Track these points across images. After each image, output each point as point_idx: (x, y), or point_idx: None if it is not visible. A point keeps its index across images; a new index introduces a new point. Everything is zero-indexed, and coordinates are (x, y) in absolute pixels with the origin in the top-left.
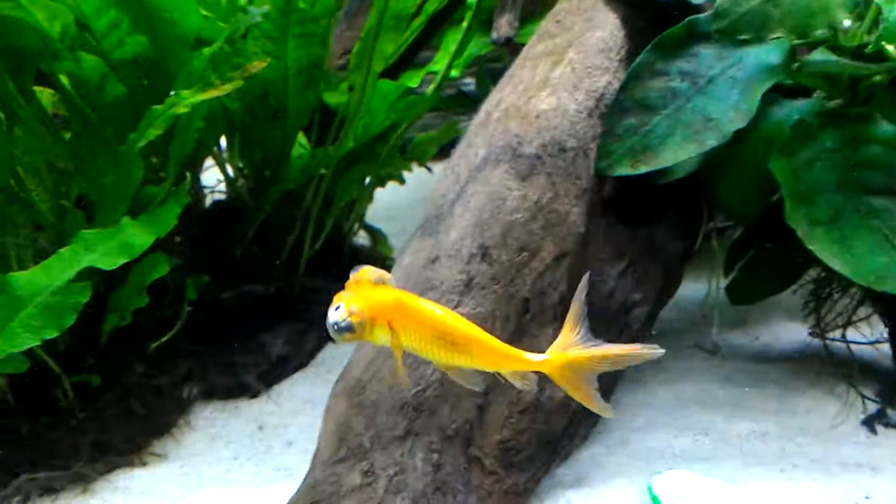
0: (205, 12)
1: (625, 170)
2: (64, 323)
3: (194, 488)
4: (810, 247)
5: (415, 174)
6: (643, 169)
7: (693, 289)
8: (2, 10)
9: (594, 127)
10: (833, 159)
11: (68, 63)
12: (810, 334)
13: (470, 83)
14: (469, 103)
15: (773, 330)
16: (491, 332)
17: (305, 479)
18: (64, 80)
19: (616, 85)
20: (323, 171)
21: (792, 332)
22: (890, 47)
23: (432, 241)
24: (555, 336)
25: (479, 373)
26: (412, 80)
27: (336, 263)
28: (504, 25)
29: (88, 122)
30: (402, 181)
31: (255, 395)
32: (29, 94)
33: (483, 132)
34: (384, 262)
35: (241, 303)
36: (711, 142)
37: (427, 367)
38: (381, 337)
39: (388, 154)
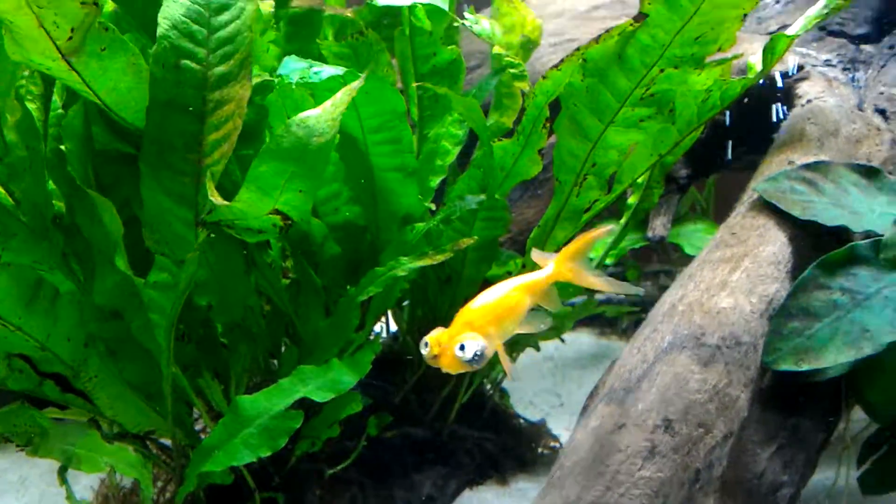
0: (419, 194)
1: (789, 365)
2: (277, 444)
3: None
4: None
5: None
6: (805, 367)
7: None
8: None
9: (763, 326)
10: None
11: (303, 224)
12: None
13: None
14: None
15: None
16: (666, 497)
17: None
18: (295, 238)
19: (783, 293)
20: None
21: None
22: None
23: (619, 409)
24: None
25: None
26: None
27: (477, 417)
28: (659, 226)
29: (308, 274)
30: (538, 348)
31: None
32: (263, 245)
33: (669, 321)
34: (511, 418)
35: (400, 442)
36: (867, 350)
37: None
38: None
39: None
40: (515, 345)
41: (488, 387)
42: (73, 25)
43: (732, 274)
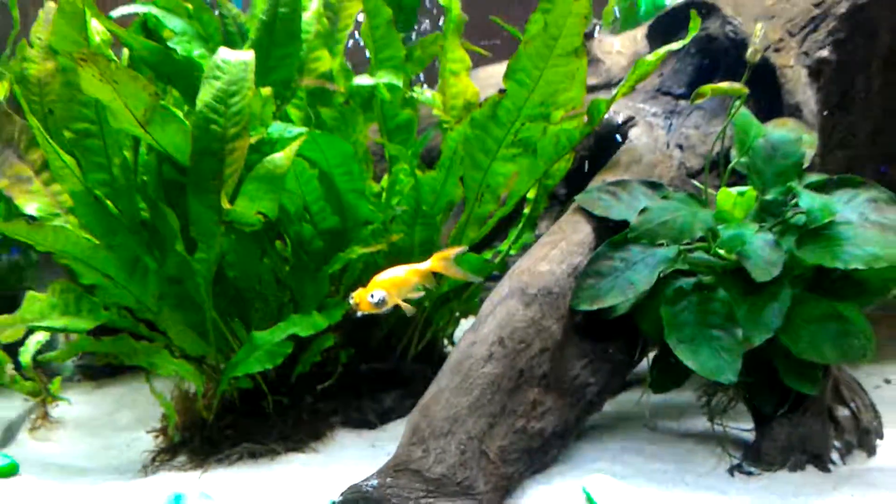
0: (371, 206)
1: (586, 306)
2: (276, 361)
3: (331, 467)
4: (676, 353)
5: None
6: (595, 307)
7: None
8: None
9: (570, 283)
10: (695, 308)
11: (296, 227)
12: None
13: None
14: None
15: (693, 419)
16: (499, 388)
17: (392, 455)
18: (293, 235)
19: (585, 262)
20: (427, 304)
21: (700, 420)
22: (722, 252)
23: (474, 333)
24: (537, 395)
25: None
26: (488, 255)
27: (429, 360)
28: (543, 227)
29: (302, 259)
30: (475, 314)
31: (372, 427)
32: (273, 241)
33: (510, 280)
34: None
35: (371, 373)
36: (630, 295)
37: (465, 398)
38: (392, 300)
39: (469, 297)
40: (465, 313)
41: (444, 341)
42: (146, 107)
43: (552, 251)
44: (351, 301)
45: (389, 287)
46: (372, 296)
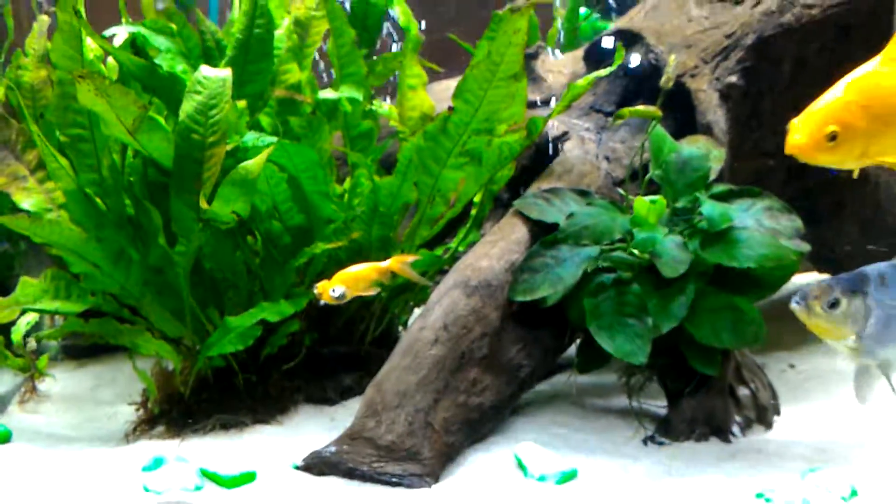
0: (333, 206)
1: (521, 297)
2: (247, 343)
3: (295, 437)
4: (596, 339)
5: None
6: (529, 298)
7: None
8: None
9: (508, 277)
10: (613, 300)
11: (266, 224)
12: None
13: None
14: None
15: (615, 397)
16: (443, 368)
17: (349, 426)
18: (263, 231)
19: (521, 259)
20: (384, 295)
21: (621, 398)
22: (637, 251)
23: (423, 320)
24: (477, 374)
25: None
26: (439, 251)
27: (387, 344)
28: (487, 227)
29: (271, 253)
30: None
31: (332, 403)
32: (245, 236)
33: (454, 273)
34: None
35: (332, 355)
36: (559, 288)
37: (413, 376)
38: (351, 294)
39: (422, 289)
40: (417, 302)
41: (400, 327)
42: (135, 117)
43: (492, 249)
44: (315, 291)
45: (350, 282)
46: (333, 290)
